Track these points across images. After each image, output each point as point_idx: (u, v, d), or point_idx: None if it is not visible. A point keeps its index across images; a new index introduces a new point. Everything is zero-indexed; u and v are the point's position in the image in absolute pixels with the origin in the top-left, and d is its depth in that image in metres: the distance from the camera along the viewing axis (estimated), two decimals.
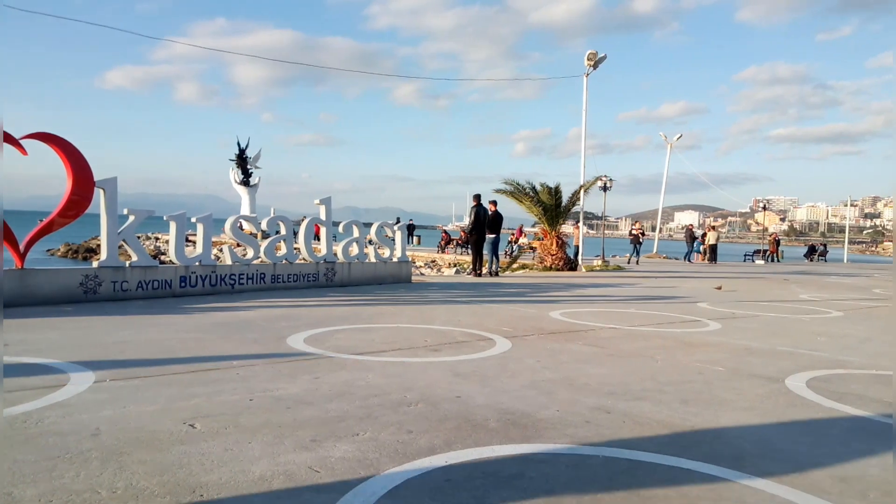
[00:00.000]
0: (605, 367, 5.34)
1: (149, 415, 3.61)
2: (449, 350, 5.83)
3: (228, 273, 9.98)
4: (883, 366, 5.84)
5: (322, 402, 3.98)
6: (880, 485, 2.98)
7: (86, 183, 8.22)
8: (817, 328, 8.20)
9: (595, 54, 20.69)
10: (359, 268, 12.02)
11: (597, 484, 2.84)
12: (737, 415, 4.06)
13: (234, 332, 6.43)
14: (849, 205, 72.96)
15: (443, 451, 3.17)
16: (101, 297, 8.47)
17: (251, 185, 45.70)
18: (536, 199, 19.25)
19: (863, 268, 31.67)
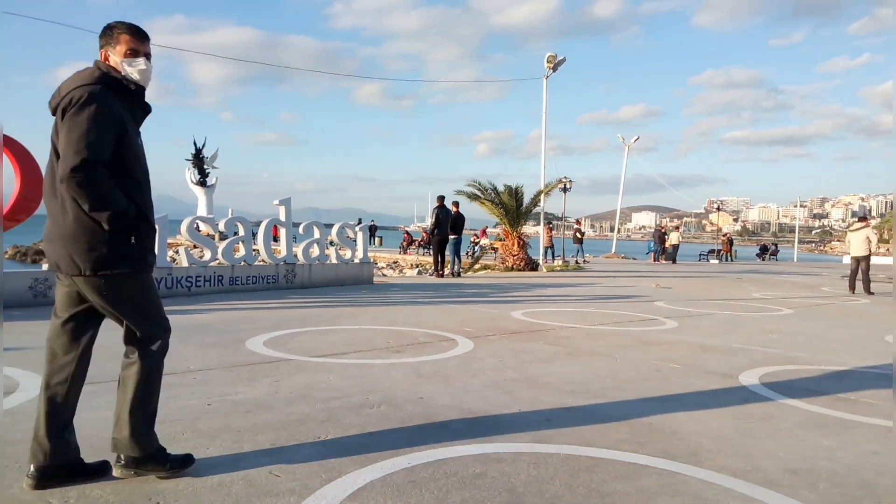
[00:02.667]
0: (566, 366, 5.40)
1: (103, 421, 3.51)
2: (411, 351, 5.82)
3: (185, 275, 9.78)
4: (832, 361, 6.04)
5: (282, 406, 3.93)
6: (829, 476, 3.09)
7: (35, 184, 7.95)
8: (769, 326, 8.45)
9: (554, 57, 20.94)
10: (320, 269, 11.91)
11: (557, 481, 2.88)
12: (693, 411, 4.15)
13: (191, 335, 6.30)
14: (798, 206, 75.32)
15: (406, 453, 3.17)
16: (51, 300, 8.16)
17: (208, 185, 44.85)
18: (498, 200, 19.38)
19: (812, 267, 32.74)
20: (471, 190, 19.35)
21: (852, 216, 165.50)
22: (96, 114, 2.50)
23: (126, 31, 2.71)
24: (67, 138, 2.46)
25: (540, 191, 20.48)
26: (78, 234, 2.54)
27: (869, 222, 15.61)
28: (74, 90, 2.54)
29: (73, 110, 2.49)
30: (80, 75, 2.63)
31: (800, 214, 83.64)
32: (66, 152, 2.45)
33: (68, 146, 2.45)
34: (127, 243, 2.62)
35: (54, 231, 2.60)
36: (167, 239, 9.85)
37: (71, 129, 2.47)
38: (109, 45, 2.70)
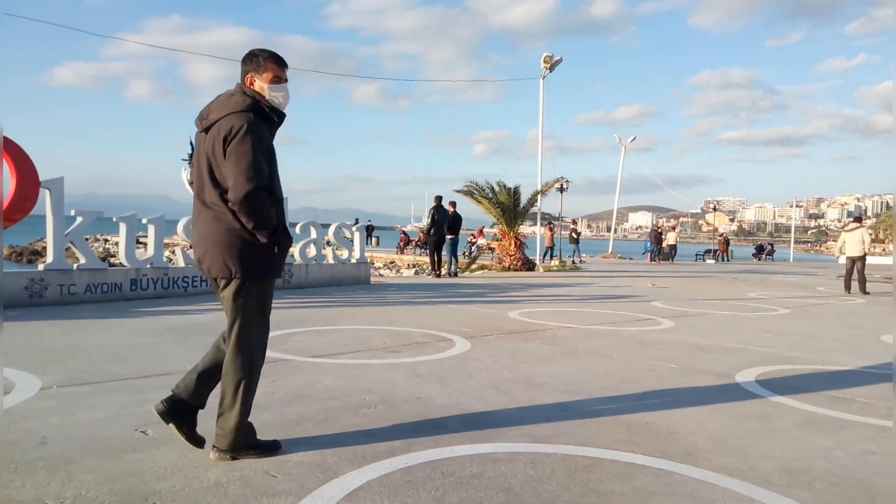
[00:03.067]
0: (563, 366, 5.41)
1: (98, 422, 3.51)
2: (408, 351, 5.82)
3: (181, 275, 9.76)
4: (828, 361, 6.06)
5: (279, 406, 3.92)
6: (826, 476, 3.10)
7: (31, 183, 7.92)
8: (765, 325, 8.46)
9: (551, 57, 20.97)
10: (316, 269, 11.90)
11: (554, 481, 2.88)
12: (689, 411, 4.15)
13: (188, 335, 6.29)
14: (794, 206, 75.44)
15: (402, 453, 3.17)
16: (47, 301, 8.19)
17: None
18: (495, 199, 19.37)
19: (808, 266, 32.83)
20: (468, 189, 19.36)
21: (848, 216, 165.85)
22: (258, 143, 2.82)
23: (271, 59, 2.99)
24: (237, 166, 2.79)
25: (537, 191, 20.51)
26: (232, 242, 2.87)
27: (864, 223, 15.66)
28: (233, 118, 2.84)
29: (237, 140, 2.79)
30: (230, 102, 2.92)
31: (796, 214, 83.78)
32: (238, 179, 2.78)
33: (239, 174, 2.78)
34: (271, 253, 2.96)
35: (209, 238, 2.91)
36: (163, 239, 9.83)
37: (239, 158, 2.79)
38: (255, 72, 2.98)
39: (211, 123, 2.91)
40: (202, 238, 2.95)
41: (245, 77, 3.00)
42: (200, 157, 2.93)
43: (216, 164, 2.87)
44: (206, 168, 2.90)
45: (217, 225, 2.89)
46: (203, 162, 2.91)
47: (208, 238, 2.91)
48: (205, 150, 2.91)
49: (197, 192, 2.98)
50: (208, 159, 2.89)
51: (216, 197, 2.88)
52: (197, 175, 2.96)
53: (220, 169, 2.86)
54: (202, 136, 2.96)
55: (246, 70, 3.00)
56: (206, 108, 2.99)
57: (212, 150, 2.87)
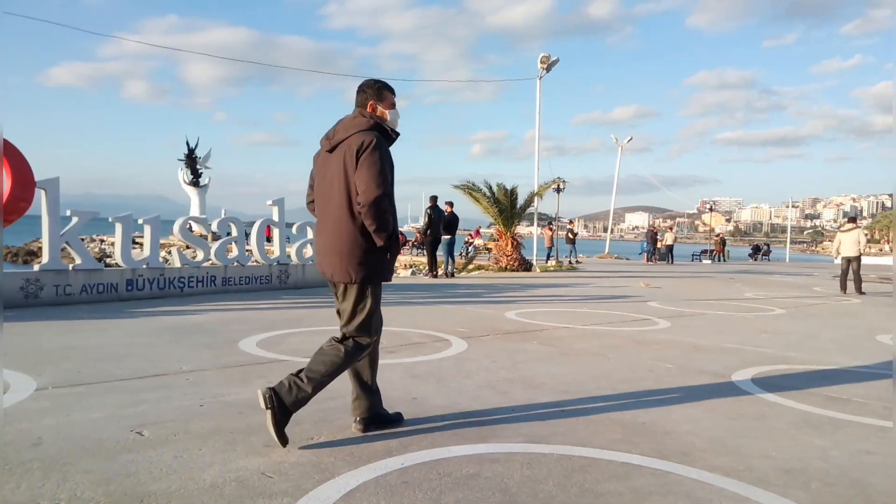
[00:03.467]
0: (560, 366, 5.41)
1: (94, 423, 3.50)
2: (405, 351, 5.81)
3: (177, 276, 9.74)
4: (824, 361, 6.07)
5: None
6: (822, 476, 3.10)
7: (26, 183, 7.90)
8: (762, 325, 8.48)
9: (548, 57, 20.97)
10: (313, 270, 11.87)
11: (551, 481, 2.88)
12: (686, 410, 4.16)
13: (184, 336, 6.27)
14: (790, 206, 75.70)
15: (399, 454, 3.16)
16: (42, 301, 8.16)
17: (201, 185, 44.74)
18: (493, 199, 19.36)
19: (804, 267, 32.90)
20: (466, 188, 19.35)
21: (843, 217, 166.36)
22: (384, 156, 3.21)
23: (387, 88, 3.46)
24: (369, 174, 3.14)
25: (534, 191, 20.51)
26: (353, 250, 3.24)
27: (859, 223, 15.71)
28: (362, 135, 3.22)
29: (367, 152, 3.16)
30: (355, 122, 3.31)
31: (792, 215, 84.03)
32: (369, 185, 3.13)
33: (370, 180, 3.14)
34: (384, 259, 3.31)
35: (332, 247, 3.29)
36: (160, 239, 9.80)
37: (370, 167, 3.15)
38: (377, 99, 3.40)
39: (338, 142, 3.28)
40: (326, 247, 3.33)
41: (367, 104, 3.39)
42: (325, 174, 3.34)
43: (346, 177, 3.23)
44: (335, 183, 3.26)
45: (342, 235, 3.26)
46: (332, 177, 3.29)
47: (332, 247, 3.29)
48: (334, 166, 3.27)
49: (322, 205, 3.39)
50: (339, 174, 3.25)
51: (344, 210, 3.25)
52: (322, 191, 3.36)
53: (350, 180, 3.22)
54: (326, 155, 3.34)
55: (367, 98, 3.40)
56: (331, 130, 3.37)
57: (342, 165, 3.24)
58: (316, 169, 3.45)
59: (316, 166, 3.45)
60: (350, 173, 3.20)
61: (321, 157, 3.40)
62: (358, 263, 3.25)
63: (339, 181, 3.25)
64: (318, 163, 3.42)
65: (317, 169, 3.44)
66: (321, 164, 3.38)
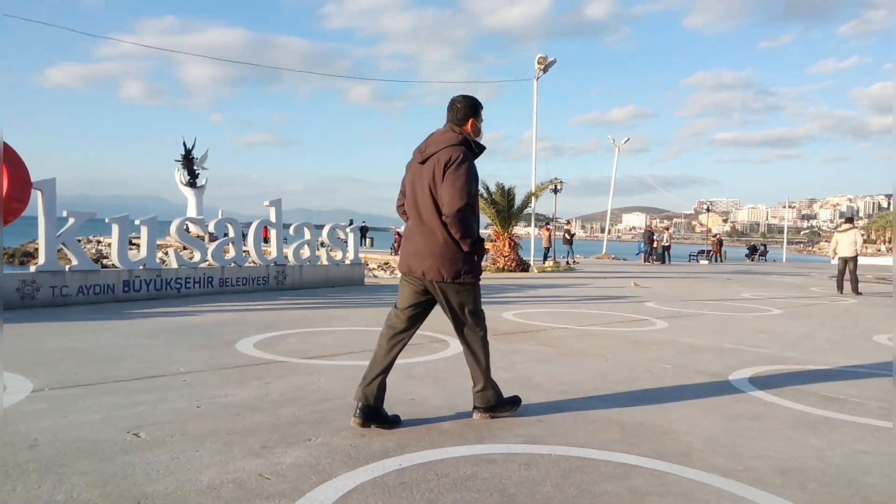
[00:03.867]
0: (558, 367, 5.41)
1: (90, 424, 3.49)
2: (402, 352, 5.79)
3: (174, 277, 9.72)
4: (821, 361, 6.08)
5: (273, 408, 3.91)
6: (818, 475, 3.10)
7: (22, 185, 7.88)
8: (759, 326, 8.49)
9: (545, 58, 21.00)
10: (310, 270, 11.88)
11: (549, 482, 2.87)
12: (684, 411, 4.16)
13: (181, 337, 6.26)
14: (787, 207, 75.81)
15: (396, 454, 3.16)
16: (39, 302, 8.14)
17: (198, 186, 44.64)
18: (490, 200, 19.37)
19: (801, 267, 32.96)
20: None
21: (840, 217, 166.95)
22: (470, 169, 3.49)
23: (481, 106, 3.77)
24: (453, 187, 3.41)
25: (531, 192, 20.52)
26: (445, 252, 3.53)
27: (856, 224, 15.74)
28: (451, 149, 3.49)
29: (454, 166, 3.43)
30: (445, 137, 3.57)
31: (788, 215, 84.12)
32: (454, 197, 3.40)
33: (454, 192, 3.40)
34: (473, 261, 3.62)
35: (425, 249, 3.57)
36: (156, 240, 9.79)
37: (455, 180, 3.41)
38: (475, 117, 3.69)
39: (430, 155, 3.55)
40: (418, 249, 3.61)
41: (468, 120, 3.67)
42: (417, 183, 3.60)
43: (435, 187, 3.49)
44: (427, 192, 3.54)
45: (433, 239, 3.54)
46: (423, 187, 3.56)
47: (424, 250, 3.57)
48: (426, 177, 3.54)
49: (413, 212, 3.64)
50: (429, 184, 3.52)
51: (434, 217, 3.53)
52: (413, 198, 3.63)
53: (438, 189, 3.48)
54: (418, 166, 3.61)
55: (468, 115, 3.67)
56: (424, 144, 3.64)
57: (432, 176, 3.51)
58: (408, 177, 3.70)
59: (408, 175, 3.70)
60: (439, 184, 3.47)
61: (414, 167, 3.66)
62: (450, 264, 3.56)
63: (429, 191, 3.54)
64: (411, 172, 3.68)
65: (409, 178, 3.68)
66: (414, 173, 3.64)
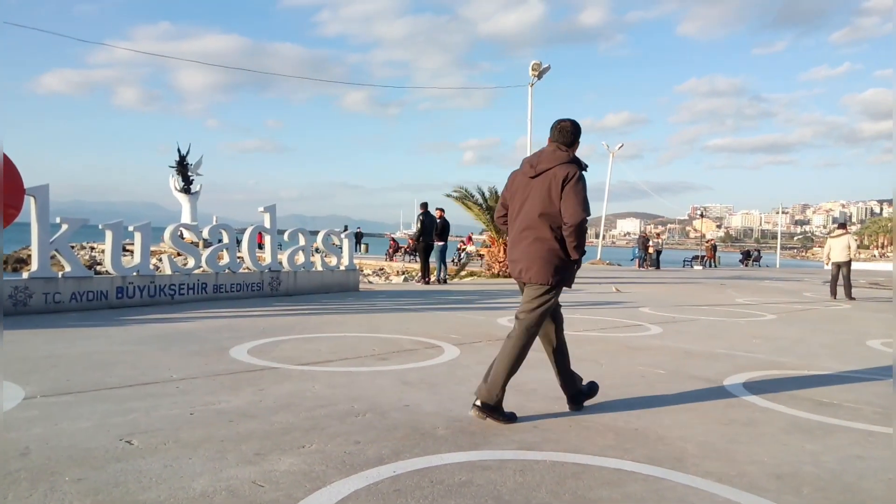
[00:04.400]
0: (552, 373, 5.38)
1: (82, 432, 3.46)
2: (397, 358, 5.80)
3: (168, 283, 9.68)
4: (815, 366, 6.09)
5: (266, 415, 3.89)
6: (813, 480, 3.11)
7: (15, 191, 7.84)
8: (753, 331, 8.51)
9: (539, 65, 21.06)
10: (305, 276, 11.85)
11: (543, 489, 2.87)
12: (678, 416, 4.16)
13: (174, 344, 6.23)
14: (780, 212, 76.04)
15: (391, 461, 3.14)
16: (31, 309, 8.09)
17: (192, 192, 44.54)
18: (485, 205, 19.38)
19: (794, 272, 33.09)
20: (459, 195, 19.36)
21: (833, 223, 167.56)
22: (585, 186, 3.83)
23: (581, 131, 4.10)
24: (575, 200, 3.76)
25: None
26: (550, 259, 3.88)
27: (849, 229, 15.83)
28: (566, 167, 3.84)
29: (573, 182, 3.79)
30: (556, 156, 3.92)
31: (782, 221, 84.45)
32: (576, 209, 3.74)
33: (577, 205, 3.74)
34: (572, 269, 3.99)
35: (532, 255, 3.90)
36: (150, 247, 9.75)
37: (576, 195, 3.76)
38: (578, 141, 4.04)
39: (542, 171, 3.90)
40: (525, 254, 3.94)
41: (575, 143, 4.01)
42: (528, 194, 3.95)
43: (549, 200, 3.82)
44: (537, 203, 3.88)
45: (541, 246, 3.88)
46: (534, 199, 3.90)
47: (532, 255, 3.90)
48: (538, 190, 3.89)
49: (521, 220, 3.98)
50: (542, 197, 3.86)
51: (542, 225, 3.86)
52: (522, 208, 3.98)
53: (553, 203, 3.82)
54: (528, 180, 3.96)
55: (576, 138, 4.02)
56: (534, 159, 4.00)
57: (548, 190, 3.84)
58: (515, 189, 4.06)
59: (514, 186, 4.07)
60: (554, 197, 3.81)
61: (522, 181, 4.01)
62: (555, 270, 3.88)
63: (541, 203, 3.86)
64: (518, 184, 4.04)
65: (516, 189, 4.05)
66: (522, 185, 4.00)
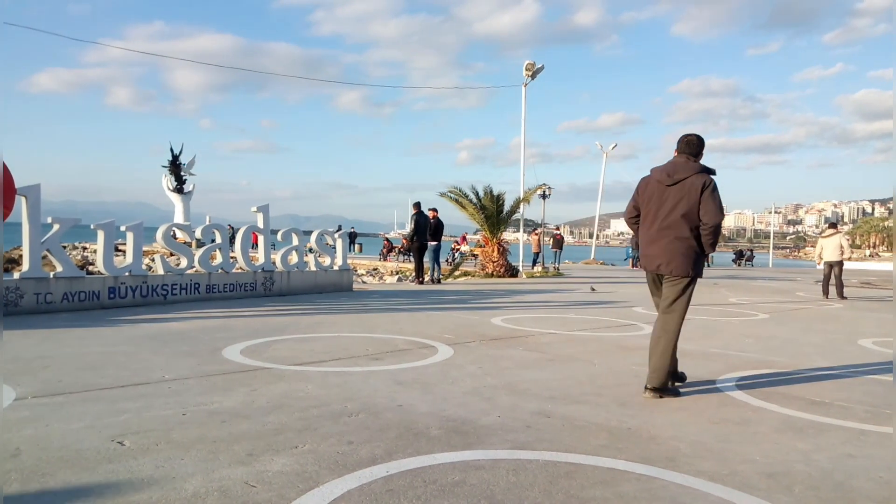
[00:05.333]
0: (546, 372, 5.41)
1: (74, 433, 3.44)
2: (390, 358, 5.79)
3: (161, 283, 9.64)
4: (807, 365, 6.12)
5: (259, 415, 3.88)
6: (804, 479, 3.12)
7: (7, 190, 7.79)
8: (746, 330, 8.54)
9: (533, 65, 21.07)
10: (298, 277, 11.83)
11: (537, 488, 2.87)
12: (671, 415, 4.17)
13: (166, 344, 6.21)
14: (773, 212, 76.38)
15: (384, 461, 3.14)
16: (23, 310, 8.05)
17: (185, 192, 44.38)
18: (479, 205, 19.38)
19: (787, 272, 33.23)
20: (454, 194, 19.35)
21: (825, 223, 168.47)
22: (718, 191, 4.54)
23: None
24: (714, 204, 4.48)
25: (520, 197, 20.56)
26: (690, 255, 4.59)
27: (840, 229, 15.91)
28: (702, 176, 4.54)
29: (710, 189, 4.50)
30: (689, 166, 4.60)
31: (774, 221, 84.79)
32: (715, 213, 4.48)
33: (715, 210, 4.48)
34: (702, 263, 4.71)
35: (674, 251, 4.59)
36: (142, 247, 9.71)
37: (714, 201, 4.49)
38: (703, 152, 4.73)
39: (678, 180, 4.56)
40: (665, 251, 4.62)
41: (701, 154, 4.71)
42: (664, 199, 4.61)
43: (688, 204, 4.50)
44: (675, 207, 4.56)
45: (681, 244, 4.57)
46: (672, 203, 4.57)
47: (673, 251, 4.59)
48: (675, 196, 4.56)
49: (658, 222, 4.65)
50: (680, 201, 4.54)
51: (683, 226, 4.54)
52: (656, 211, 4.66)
53: (691, 206, 4.50)
54: (663, 187, 4.62)
55: (701, 151, 4.71)
56: (670, 170, 4.63)
57: (686, 196, 4.51)
58: (649, 194, 4.71)
59: (648, 192, 4.72)
60: (693, 202, 4.49)
61: (657, 188, 4.66)
62: (693, 263, 4.59)
63: (679, 206, 4.53)
64: (653, 190, 4.69)
65: (650, 194, 4.70)
66: (658, 192, 4.65)
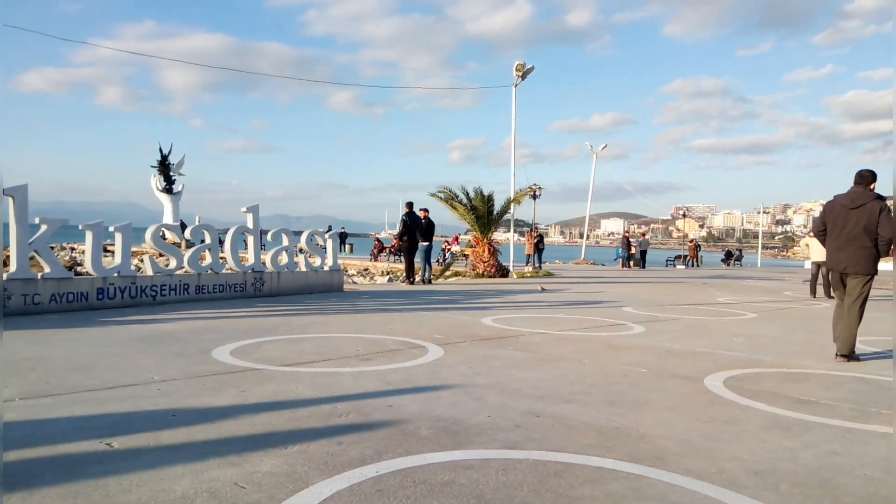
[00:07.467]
0: (535, 372, 5.43)
1: (62, 434, 3.43)
2: (381, 359, 5.79)
3: (150, 284, 9.60)
4: (793, 364, 6.18)
5: (249, 416, 3.87)
6: (791, 477, 3.15)
7: None
8: (734, 329, 8.60)
9: (523, 65, 21.10)
10: (289, 277, 11.80)
11: (526, 487, 2.88)
12: (660, 414, 4.20)
13: (155, 345, 6.18)
14: (762, 212, 76.87)
15: (373, 462, 3.15)
16: (10, 311, 7.99)
17: (174, 192, 44.14)
18: (470, 205, 19.39)
19: (775, 272, 33.47)
20: (444, 195, 19.35)
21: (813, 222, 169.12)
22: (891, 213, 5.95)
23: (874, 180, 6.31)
24: (889, 224, 5.93)
25: (510, 198, 20.59)
26: (872, 259, 6.16)
27: None
28: (879, 202, 6.07)
29: (885, 212, 5.99)
30: (867, 194, 6.17)
31: (763, 220, 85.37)
32: (891, 229, 5.94)
33: (890, 227, 5.93)
34: (877, 264, 6.21)
35: (859, 256, 6.17)
36: (131, 247, 9.66)
37: (889, 221, 5.93)
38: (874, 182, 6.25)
39: (859, 204, 6.13)
40: (852, 256, 6.20)
41: (873, 183, 6.22)
42: (848, 219, 6.18)
43: (869, 222, 6.05)
44: (860, 224, 6.11)
45: (864, 251, 6.15)
46: (857, 222, 6.13)
47: (858, 257, 6.17)
48: (860, 217, 6.11)
49: (846, 234, 6.20)
50: (864, 220, 6.08)
51: (865, 238, 6.10)
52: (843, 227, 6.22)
53: (871, 224, 6.04)
54: (848, 210, 6.18)
55: (874, 181, 6.23)
56: (853, 197, 6.20)
57: (867, 217, 6.07)
58: (836, 215, 6.27)
59: (835, 213, 6.28)
60: (872, 221, 6.04)
61: (842, 211, 6.22)
62: (874, 264, 6.18)
63: (862, 224, 6.08)
64: (839, 212, 6.25)
65: (836, 215, 6.27)
66: (843, 213, 6.21)
